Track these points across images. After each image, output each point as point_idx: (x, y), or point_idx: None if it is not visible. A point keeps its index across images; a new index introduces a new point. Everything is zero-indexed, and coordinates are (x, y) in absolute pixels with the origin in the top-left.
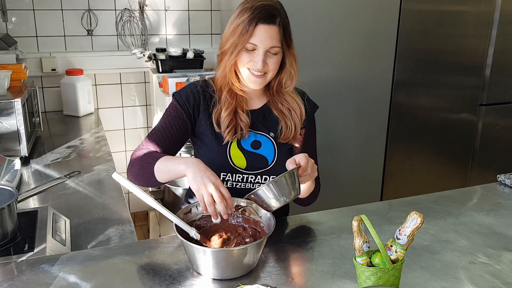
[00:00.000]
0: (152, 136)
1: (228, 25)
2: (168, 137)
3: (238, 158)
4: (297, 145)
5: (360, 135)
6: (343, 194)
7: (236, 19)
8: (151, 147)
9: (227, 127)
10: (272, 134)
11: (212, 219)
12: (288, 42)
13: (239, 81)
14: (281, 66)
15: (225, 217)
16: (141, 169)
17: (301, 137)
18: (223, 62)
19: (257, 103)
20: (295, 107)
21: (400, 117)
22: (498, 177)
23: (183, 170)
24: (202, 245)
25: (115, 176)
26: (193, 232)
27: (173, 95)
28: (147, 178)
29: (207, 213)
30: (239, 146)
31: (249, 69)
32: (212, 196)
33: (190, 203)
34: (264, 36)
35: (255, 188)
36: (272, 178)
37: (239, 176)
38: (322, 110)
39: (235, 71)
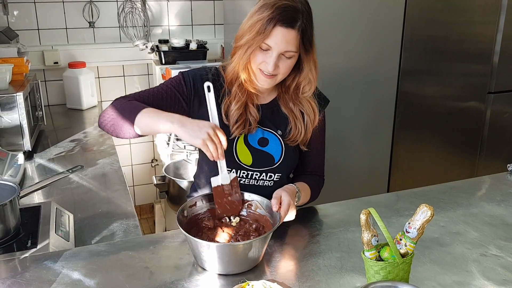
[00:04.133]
0: (143, 94)
1: (247, 17)
2: (157, 102)
3: (244, 155)
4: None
5: (366, 125)
6: (349, 185)
7: (255, 14)
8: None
9: (237, 121)
10: (279, 132)
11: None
12: (307, 47)
13: (250, 80)
14: (300, 70)
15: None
16: (120, 115)
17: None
18: (237, 56)
19: (266, 98)
20: (309, 112)
21: (407, 106)
22: (509, 166)
23: (169, 129)
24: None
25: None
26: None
27: (180, 72)
28: (123, 126)
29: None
30: (246, 142)
31: (260, 69)
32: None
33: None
34: (281, 39)
35: (259, 185)
36: (277, 176)
37: (244, 173)
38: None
39: (247, 67)
